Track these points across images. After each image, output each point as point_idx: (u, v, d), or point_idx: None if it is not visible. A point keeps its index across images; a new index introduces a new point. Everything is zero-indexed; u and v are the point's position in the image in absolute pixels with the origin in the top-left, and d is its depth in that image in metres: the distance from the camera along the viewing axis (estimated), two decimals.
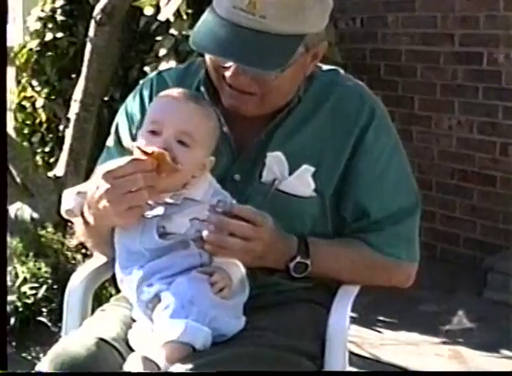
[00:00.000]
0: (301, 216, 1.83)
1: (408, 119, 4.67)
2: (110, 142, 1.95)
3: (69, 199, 1.72)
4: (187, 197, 1.69)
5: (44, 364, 1.64)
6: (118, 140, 1.93)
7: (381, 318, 3.78)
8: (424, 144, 4.66)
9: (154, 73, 1.99)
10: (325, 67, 1.91)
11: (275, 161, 1.81)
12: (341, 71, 1.92)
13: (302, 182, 1.82)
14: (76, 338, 1.69)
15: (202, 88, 1.84)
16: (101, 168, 1.68)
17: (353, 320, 1.83)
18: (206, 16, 1.73)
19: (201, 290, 1.61)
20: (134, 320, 1.74)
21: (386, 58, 4.81)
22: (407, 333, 3.64)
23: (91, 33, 3.87)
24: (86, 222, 1.77)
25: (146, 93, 1.92)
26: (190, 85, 1.87)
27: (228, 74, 1.73)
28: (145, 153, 1.63)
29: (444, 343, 3.53)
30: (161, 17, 3.85)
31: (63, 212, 1.74)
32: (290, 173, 1.82)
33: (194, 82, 1.88)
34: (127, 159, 1.65)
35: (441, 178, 4.62)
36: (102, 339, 1.66)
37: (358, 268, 1.86)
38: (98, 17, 3.79)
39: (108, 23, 3.80)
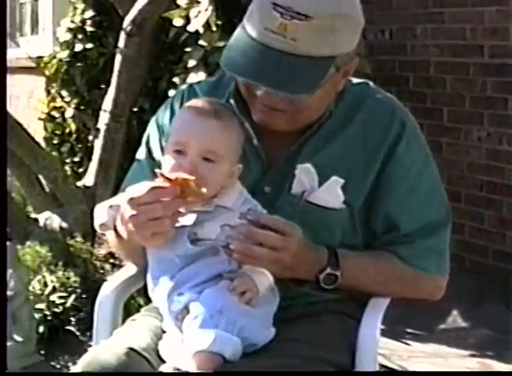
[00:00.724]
0: (331, 228, 1.83)
1: (437, 131, 4.66)
2: (141, 153, 1.96)
3: (102, 213, 1.73)
4: (218, 205, 1.71)
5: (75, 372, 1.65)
6: (149, 152, 1.94)
7: (410, 330, 3.77)
8: (453, 156, 4.64)
9: (185, 85, 2.01)
10: (355, 80, 1.90)
11: (304, 173, 1.81)
12: (371, 84, 1.92)
13: (331, 194, 1.81)
14: (106, 348, 1.70)
15: (232, 101, 1.84)
16: (127, 192, 1.69)
17: (382, 332, 1.82)
18: (237, 35, 1.73)
19: (230, 300, 1.61)
20: (164, 331, 1.74)
21: (415, 69, 4.81)
22: (435, 345, 3.62)
23: (121, 44, 3.90)
24: (119, 235, 1.78)
25: (176, 105, 1.93)
26: (221, 97, 1.87)
27: (259, 93, 1.73)
28: (168, 179, 1.64)
29: (472, 356, 3.51)
30: (191, 28, 3.87)
31: (96, 226, 1.75)
32: (320, 185, 1.82)
33: (225, 94, 1.88)
34: (148, 186, 1.65)
35: (470, 190, 4.60)
36: (132, 349, 1.67)
37: (388, 280, 1.85)
38: (128, 28, 3.82)
39: (138, 34, 3.82)
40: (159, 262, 1.74)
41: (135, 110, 4.43)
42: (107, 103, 4.01)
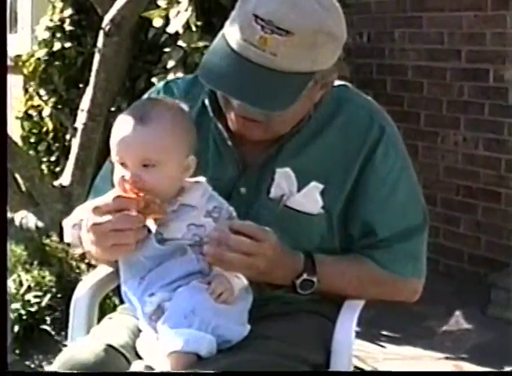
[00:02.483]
0: (308, 233, 1.83)
1: (414, 135, 4.68)
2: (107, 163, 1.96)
3: (67, 232, 1.75)
4: (183, 203, 1.70)
5: (53, 369, 1.65)
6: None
7: (385, 333, 3.78)
8: (430, 160, 4.66)
9: (161, 83, 1.98)
10: (335, 83, 1.89)
11: (283, 177, 1.81)
12: (350, 86, 1.91)
13: (310, 199, 1.81)
14: (84, 345, 1.70)
15: (206, 102, 1.84)
16: (88, 204, 1.69)
17: (356, 334, 1.82)
18: (216, 43, 1.72)
19: (202, 299, 1.61)
20: (140, 330, 1.75)
21: (392, 73, 4.83)
22: (410, 348, 3.64)
23: (99, 43, 3.89)
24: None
25: None
26: (198, 96, 1.87)
27: (235, 104, 1.71)
28: (135, 193, 1.64)
29: (447, 358, 3.53)
30: (170, 29, 3.86)
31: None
32: (299, 190, 1.81)
33: (201, 93, 1.87)
34: (114, 194, 1.64)
35: (446, 194, 4.62)
36: (110, 346, 1.67)
37: (364, 284, 1.85)
38: (107, 28, 3.80)
39: (117, 34, 3.81)
40: (128, 264, 1.73)
41: (113, 109, 4.40)
42: (85, 103, 4.00)
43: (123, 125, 1.68)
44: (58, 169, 5.05)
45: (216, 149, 1.85)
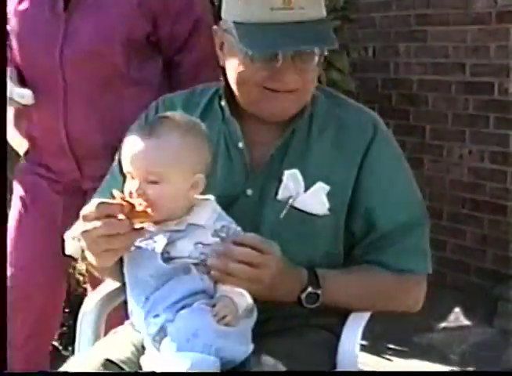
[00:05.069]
0: (314, 235, 1.84)
1: (419, 148, 4.69)
2: (115, 165, 1.99)
3: (67, 244, 1.78)
4: (191, 223, 1.70)
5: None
6: (119, 165, 1.95)
7: (391, 346, 3.78)
8: (435, 173, 4.67)
9: (159, 99, 2.03)
10: (322, 88, 1.96)
11: (292, 179, 1.83)
12: (334, 92, 1.99)
13: (317, 200, 1.83)
14: (84, 358, 1.72)
15: (223, 103, 1.89)
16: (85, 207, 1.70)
17: (363, 348, 1.83)
18: (239, 32, 1.77)
19: (205, 322, 1.60)
20: (144, 347, 1.75)
21: (397, 87, 4.84)
22: (418, 361, 3.63)
23: None
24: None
25: (151, 115, 1.96)
26: (197, 104, 1.93)
27: (282, 73, 1.75)
28: (122, 199, 1.65)
29: (455, 372, 3.52)
30: None
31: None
32: (305, 191, 1.84)
33: (201, 102, 1.93)
34: (96, 202, 1.66)
35: (452, 207, 4.62)
36: (110, 360, 1.68)
37: (369, 294, 1.86)
38: None
39: None
40: (133, 283, 1.74)
41: None
42: None
43: (132, 139, 1.70)
44: None
45: (226, 150, 1.88)
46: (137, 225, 1.65)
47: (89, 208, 1.64)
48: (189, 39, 2.46)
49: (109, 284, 1.99)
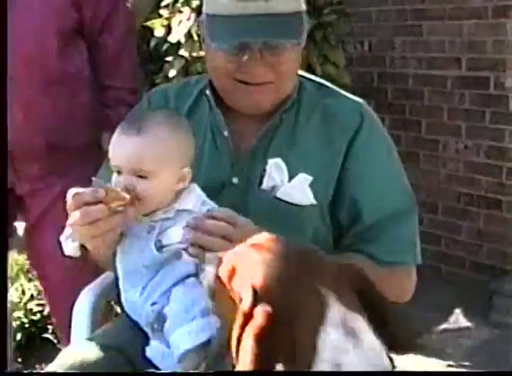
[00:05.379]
0: (300, 225, 1.84)
1: (415, 142, 4.69)
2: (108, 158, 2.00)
3: (64, 246, 1.78)
4: (179, 209, 1.72)
5: (52, 367, 1.68)
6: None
7: None
8: (431, 168, 4.67)
9: (153, 90, 2.06)
10: (310, 77, 1.98)
11: (275, 168, 1.84)
12: (324, 82, 1.99)
13: (299, 191, 1.84)
14: (86, 344, 1.74)
15: (208, 92, 1.91)
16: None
17: None
18: (207, 21, 1.80)
19: (198, 290, 1.61)
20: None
21: (393, 81, 4.84)
22: (412, 355, 3.63)
23: None
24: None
25: (145, 108, 1.99)
26: (189, 95, 1.95)
27: (249, 65, 1.77)
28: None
29: (449, 366, 3.53)
30: (172, 39, 3.87)
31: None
32: (289, 181, 1.84)
33: (193, 92, 1.96)
34: (72, 192, 1.68)
35: (447, 201, 4.63)
36: (111, 346, 1.69)
37: None
38: None
39: None
40: (127, 274, 1.75)
41: None
42: None
43: (121, 134, 1.71)
44: None
45: (213, 139, 1.90)
46: (120, 208, 1.67)
47: (68, 202, 1.67)
48: (109, 19, 2.56)
49: (105, 278, 2.00)
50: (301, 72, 1.98)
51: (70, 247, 1.77)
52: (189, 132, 1.77)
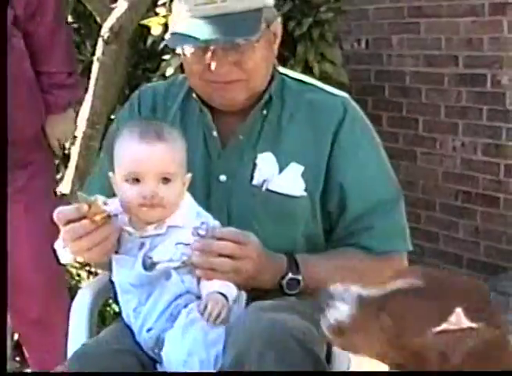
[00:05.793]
0: (293, 216, 1.87)
1: (412, 140, 4.69)
2: (103, 157, 2.04)
3: (60, 254, 1.80)
4: (170, 225, 1.74)
5: (63, 367, 1.70)
6: (107, 153, 1.98)
7: None
8: (428, 165, 4.67)
9: (141, 88, 2.09)
10: (292, 74, 2.01)
11: (265, 162, 1.87)
12: (308, 79, 2.03)
13: (292, 181, 1.87)
14: (97, 344, 1.75)
15: (194, 95, 1.94)
16: None
17: None
18: (176, 18, 1.86)
19: (195, 337, 1.63)
20: None
21: (390, 79, 4.84)
22: None
23: (98, 51, 3.89)
24: None
25: (135, 106, 2.01)
26: (176, 94, 1.98)
27: (212, 65, 1.81)
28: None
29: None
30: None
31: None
32: (279, 173, 1.87)
33: (180, 92, 1.99)
34: (56, 212, 1.72)
35: (444, 199, 4.63)
36: (122, 349, 1.70)
37: (351, 276, 1.83)
38: (105, 36, 3.80)
39: (115, 42, 3.81)
40: (121, 293, 1.78)
41: (112, 117, 4.41)
42: (84, 111, 4.01)
43: (137, 142, 1.73)
44: (58, 177, 5.05)
45: (203, 140, 1.92)
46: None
47: (55, 220, 1.72)
48: (39, 7, 2.65)
49: (102, 277, 2.00)
50: (282, 69, 2.00)
51: (66, 256, 1.78)
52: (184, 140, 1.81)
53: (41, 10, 2.64)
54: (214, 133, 1.90)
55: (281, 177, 1.86)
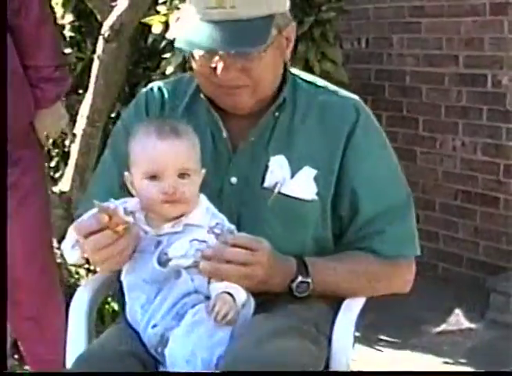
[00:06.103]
0: (303, 220, 1.87)
1: (412, 140, 4.70)
2: (108, 156, 2.03)
3: (67, 254, 1.80)
4: (187, 223, 1.74)
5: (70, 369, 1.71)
6: (115, 154, 1.99)
7: (383, 337, 3.78)
8: (428, 165, 4.67)
9: (148, 86, 2.06)
10: (304, 76, 1.99)
11: (278, 165, 1.86)
12: (320, 81, 2.00)
13: (304, 185, 1.86)
14: (101, 348, 1.75)
15: (201, 95, 1.92)
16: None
17: (355, 339, 1.84)
18: (186, 20, 1.83)
19: (199, 337, 1.63)
20: None
21: (391, 79, 4.84)
22: (409, 352, 3.64)
23: (99, 49, 3.90)
24: None
25: (142, 106, 1.99)
26: (184, 93, 1.97)
27: (218, 70, 1.79)
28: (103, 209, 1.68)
29: (446, 363, 3.53)
30: (170, 35, 3.87)
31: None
32: (291, 176, 1.86)
33: (188, 91, 1.97)
34: (74, 224, 1.73)
35: (444, 198, 4.63)
36: (124, 351, 1.70)
37: (359, 280, 1.88)
38: (106, 34, 3.81)
39: (116, 40, 3.82)
40: (130, 290, 1.77)
41: (113, 115, 4.41)
42: (84, 108, 4.01)
43: (155, 139, 1.74)
44: (57, 175, 5.05)
45: (212, 141, 1.91)
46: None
47: (75, 231, 1.72)
48: (24, 1, 2.62)
49: (101, 275, 2.00)
50: (294, 70, 1.99)
51: (74, 256, 1.78)
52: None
53: (25, 4, 2.63)
54: (224, 134, 1.89)
55: (294, 181, 1.85)
